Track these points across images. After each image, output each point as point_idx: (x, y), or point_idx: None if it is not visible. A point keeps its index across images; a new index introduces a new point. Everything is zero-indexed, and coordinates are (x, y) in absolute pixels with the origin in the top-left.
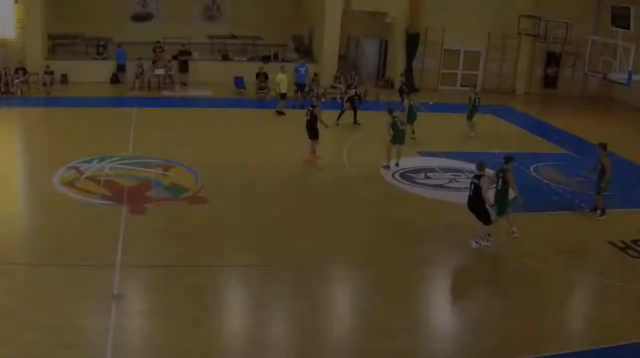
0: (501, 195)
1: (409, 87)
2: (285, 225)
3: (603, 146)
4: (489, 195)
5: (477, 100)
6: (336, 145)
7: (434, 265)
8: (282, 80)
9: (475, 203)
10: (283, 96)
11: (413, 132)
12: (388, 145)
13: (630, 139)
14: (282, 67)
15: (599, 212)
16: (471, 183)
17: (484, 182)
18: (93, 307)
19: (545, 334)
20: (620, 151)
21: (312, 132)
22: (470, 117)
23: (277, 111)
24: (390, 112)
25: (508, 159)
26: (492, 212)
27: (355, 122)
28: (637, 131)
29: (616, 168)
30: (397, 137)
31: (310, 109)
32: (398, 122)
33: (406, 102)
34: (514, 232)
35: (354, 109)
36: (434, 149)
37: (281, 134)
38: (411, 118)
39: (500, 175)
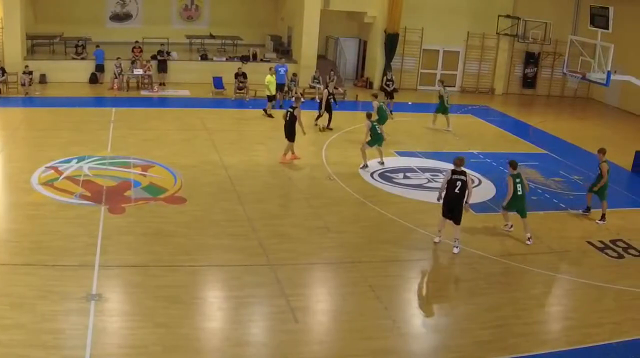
0: (522, 198)
1: (387, 87)
2: (264, 225)
3: (602, 151)
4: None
5: (446, 96)
6: (314, 145)
7: (412, 264)
8: (271, 81)
9: (460, 200)
10: (272, 98)
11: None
12: (363, 146)
13: (608, 138)
14: (270, 69)
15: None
16: (457, 180)
17: (469, 179)
18: (71, 306)
19: (522, 334)
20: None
21: (290, 133)
22: (444, 112)
23: (265, 112)
24: (369, 116)
25: (515, 163)
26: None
27: (328, 126)
28: (616, 131)
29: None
30: (375, 140)
31: (290, 110)
32: (377, 127)
33: (375, 103)
34: (529, 238)
35: (330, 112)
36: (413, 149)
37: (260, 134)
38: (382, 120)
39: (518, 180)
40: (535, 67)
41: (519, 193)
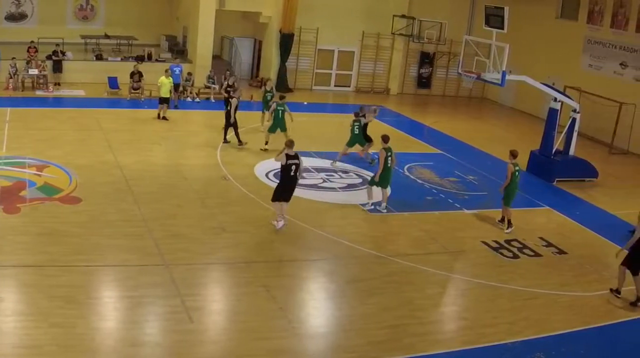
0: (390, 171)
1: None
2: (159, 225)
3: (510, 153)
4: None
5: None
6: (210, 145)
7: (307, 264)
8: (164, 83)
9: (294, 182)
10: (164, 100)
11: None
12: (266, 131)
13: (503, 138)
14: (166, 71)
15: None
16: (292, 164)
17: (301, 162)
18: None
19: (418, 334)
20: (493, 151)
21: (227, 119)
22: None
23: (159, 116)
24: (280, 98)
25: (387, 137)
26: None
27: (224, 139)
28: (511, 131)
29: (492, 169)
30: (277, 125)
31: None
32: (280, 110)
33: (273, 105)
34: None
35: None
36: (308, 149)
37: (155, 134)
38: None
39: (389, 154)
40: (430, 67)
41: (389, 165)
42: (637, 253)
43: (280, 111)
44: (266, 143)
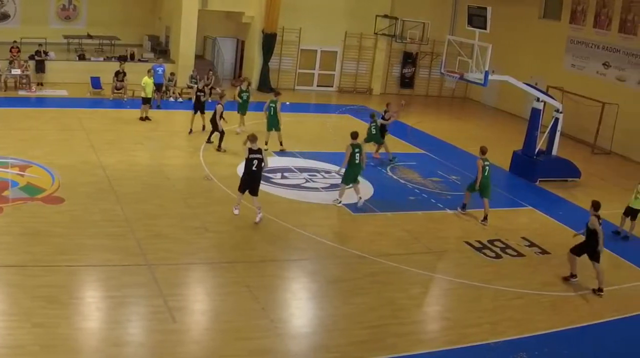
0: (358, 167)
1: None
2: (142, 225)
3: (480, 149)
4: None
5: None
6: (192, 145)
7: (290, 264)
8: (147, 83)
9: (258, 175)
10: (146, 100)
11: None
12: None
13: (486, 138)
14: (149, 71)
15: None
16: (254, 158)
17: (264, 157)
18: None
19: (401, 334)
20: (475, 151)
21: (214, 126)
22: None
23: (141, 117)
24: (275, 94)
25: (355, 133)
26: None
27: (212, 143)
28: (493, 131)
29: (475, 169)
30: (270, 124)
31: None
32: (272, 107)
33: (267, 103)
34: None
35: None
36: (291, 149)
37: (138, 134)
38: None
39: (357, 150)
40: (413, 67)
41: (356, 161)
42: (586, 247)
43: (272, 108)
44: (266, 143)
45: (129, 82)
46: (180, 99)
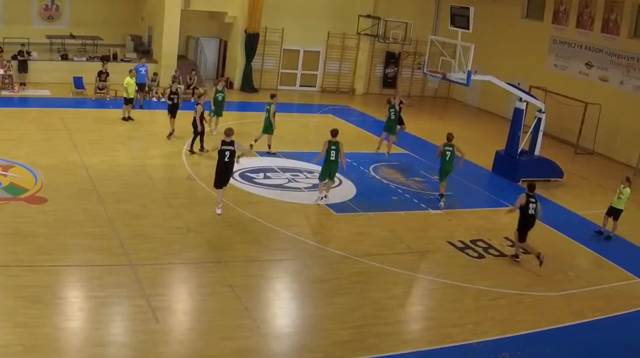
0: (335, 165)
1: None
2: (125, 225)
3: (447, 137)
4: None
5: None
6: (174, 145)
7: (273, 264)
8: (130, 84)
9: (230, 167)
10: (128, 101)
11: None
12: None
13: (469, 138)
14: (130, 72)
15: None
16: (226, 150)
17: (238, 146)
18: None
19: (383, 334)
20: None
21: (194, 128)
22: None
23: (123, 118)
24: (271, 96)
25: (335, 131)
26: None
27: (191, 149)
28: (476, 131)
29: (457, 169)
30: (265, 127)
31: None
32: (267, 109)
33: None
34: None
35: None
36: (273, 149)
37: (121, 135)
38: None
39: (334, 147)
40: (396, 67)
41: (332, 159)
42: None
43: (267, 111)
44: (269, 146)
45: (112, 82)
46: (163, 99)
